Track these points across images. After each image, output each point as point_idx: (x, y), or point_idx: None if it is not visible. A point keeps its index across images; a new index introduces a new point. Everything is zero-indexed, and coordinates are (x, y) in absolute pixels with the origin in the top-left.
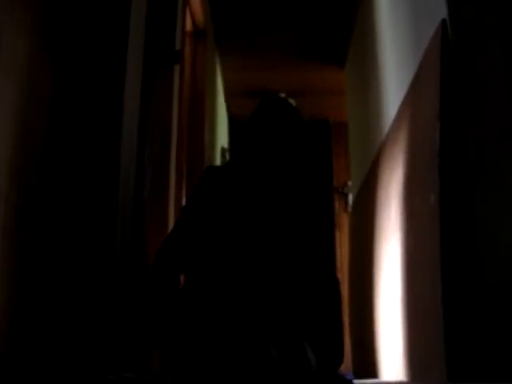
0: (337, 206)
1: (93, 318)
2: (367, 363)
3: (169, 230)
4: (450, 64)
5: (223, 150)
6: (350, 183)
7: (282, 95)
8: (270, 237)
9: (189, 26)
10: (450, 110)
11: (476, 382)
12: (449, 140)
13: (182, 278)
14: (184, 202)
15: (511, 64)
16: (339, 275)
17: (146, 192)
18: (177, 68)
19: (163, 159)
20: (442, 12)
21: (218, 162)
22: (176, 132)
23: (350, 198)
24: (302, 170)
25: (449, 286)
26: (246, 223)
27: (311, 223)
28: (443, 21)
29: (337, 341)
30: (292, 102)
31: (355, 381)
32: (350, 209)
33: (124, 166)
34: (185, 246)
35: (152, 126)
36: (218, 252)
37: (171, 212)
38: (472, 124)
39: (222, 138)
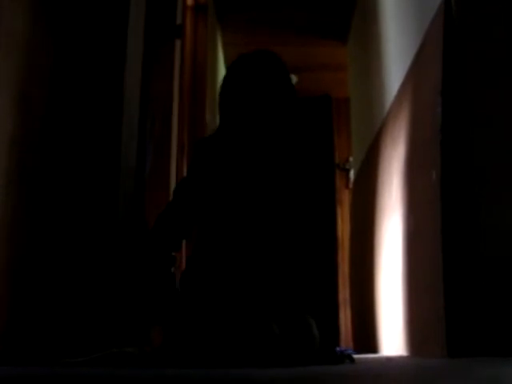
0: (338, 182)
1: (94, 294)
2: (368, 338)
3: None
4: (452, 39)
5: None
6: (351, 159)
7: None
8: (267, 201)
9: (189, 0)
10: (453, 85)
11: (476, 356)
12: (451, 116)
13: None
14: None
15: None
16: (340, 251)
17: (148, 168)
18: (178, 43)
19: (164, 136)
20: None
21: None
22: (177, 108)
23: (352, 174)
24: (294, 130)
25: (449, 262)
26: (241, 190)
27: (308, 183)
28: None
29: (332, 313)
30: (293, 77)
31: (356, 356)
32: (351, 185)
33: (125, 142)
34: (184, 213)
35: (153, 103)
36: (217, 220)
37: (172, 189)
38: (474, 99)
39: None
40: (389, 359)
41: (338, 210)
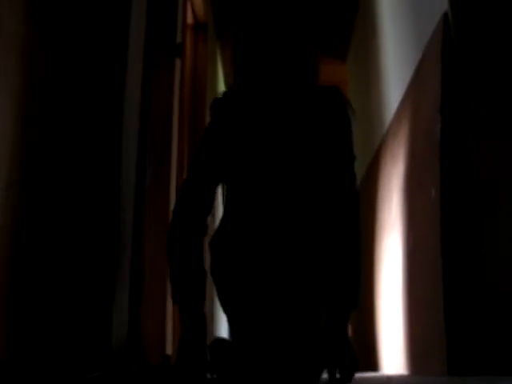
0: None
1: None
2: (368, 355)
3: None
4: (451, 58)
5: None
6: None
7: None
8: (295, 166)
9: (190, 18)
10: (451, 103)
11: (476, 375)
12: (450, 133)
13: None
14: None
15: None
16: None
17: (148, 182)
18: (178, 61)
19: (165, 150)
20: (444, 6)
21: None
22: (177, 124)
23: None
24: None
25: (450, 280)
26: (268, 155)
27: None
28: (445, 15)
29: (354, 282)
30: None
31: (356, 374)
32: None
33: (125, 156)
34: (209, 186)
35: (153, 119)
36: (245, 187)
37: (172, 203)
38: (474, 116)
39: None
40: (389, 378)
41: None
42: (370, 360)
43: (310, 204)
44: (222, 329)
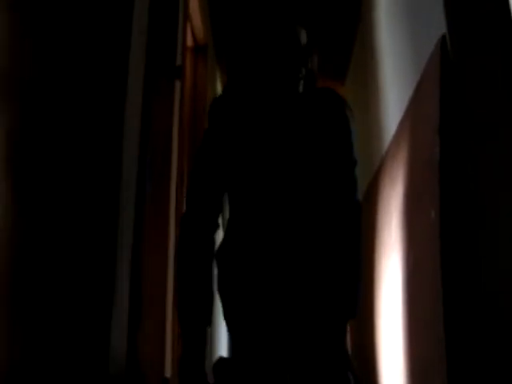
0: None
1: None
2: (368, 375)
3: (170, 247)
4: (449, 80)
5: None
6: None
7: None
8: (299, 165)
9: (190, 41)
10: (450, 125)
11: None
12: (449, 155)
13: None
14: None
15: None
16: None
17: (147, 204)
18: (178, 84)
19: (164, 172)
20: (442, 28)
21: None
22: (177, 146)
23: None
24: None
25: (450, 300)
26: (270, 156)
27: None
28: (443, 37)
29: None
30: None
31: None
32: None
33: (125, 172)
34: (215, 187)
35: (153, 140)
36: (249, 189)
37: (172, 223)
38: (472, 138)
39: None
40: None
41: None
42: (370, 378)
43: (313, 211)
44: (221, 347)
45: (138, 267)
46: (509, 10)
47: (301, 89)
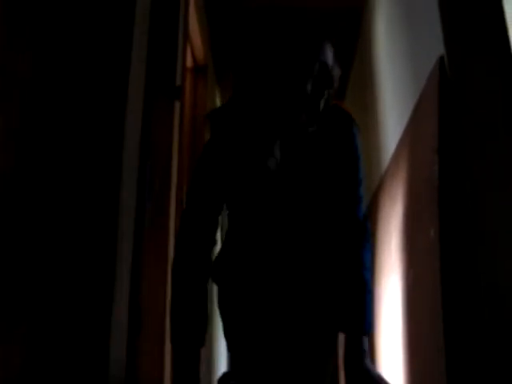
0: None
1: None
2: None
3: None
4: (448, 100)
5: None
6: None
7: None
8: (302, 189)
9: (189, 61)
10: (449, 144)
11: None
12: (448, 174)
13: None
14: None
15: (509, 100)
16: None
17: (147, 224)
18: (177, 104)
19: (164, 192)
20: (440, 49)
21: None
22: (176, 166)
23: None
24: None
25: (450, 322)
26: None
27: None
28: (441, 58)
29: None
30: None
31: None
32: None
33: (125, 194)
34: (207, 215)
35: (153, 160)
36: (248, 206)
37: (171, 245)
38: (471, 157)
39: None
40: None
41: None
42: None
43: (315, 229)
44: (221, 366)
45: (137, 281)
46: (506, 30)
47: (321, 106)
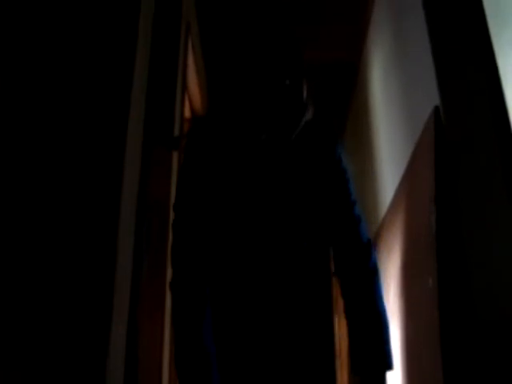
0: (335, 291)
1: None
2: None
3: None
4: (443, 150)
5: None
6: None
7: None
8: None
9: (187, 112)
10: (446, 193)
11: None
12: (445, 223)
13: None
14: None
15: (505, 150)
16: (338, 361)
17: (143, 275)
18: (175, 154)
19: (161, 243)
20: (435, 99)
21: None
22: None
23: None
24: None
25: (450, 372)
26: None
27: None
28: (436, 108)
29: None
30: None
31: None
32: None
33: (121, 247)
34: (198, 247)
35: (150, 209)
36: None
37: (168, 296)
38: (468, 206)
39: None
40: None
41: (336, 320)
42: None
43: (305, 260)
44: None
45: (134, 334)
46: (499, 81)
47: (290, 124)
